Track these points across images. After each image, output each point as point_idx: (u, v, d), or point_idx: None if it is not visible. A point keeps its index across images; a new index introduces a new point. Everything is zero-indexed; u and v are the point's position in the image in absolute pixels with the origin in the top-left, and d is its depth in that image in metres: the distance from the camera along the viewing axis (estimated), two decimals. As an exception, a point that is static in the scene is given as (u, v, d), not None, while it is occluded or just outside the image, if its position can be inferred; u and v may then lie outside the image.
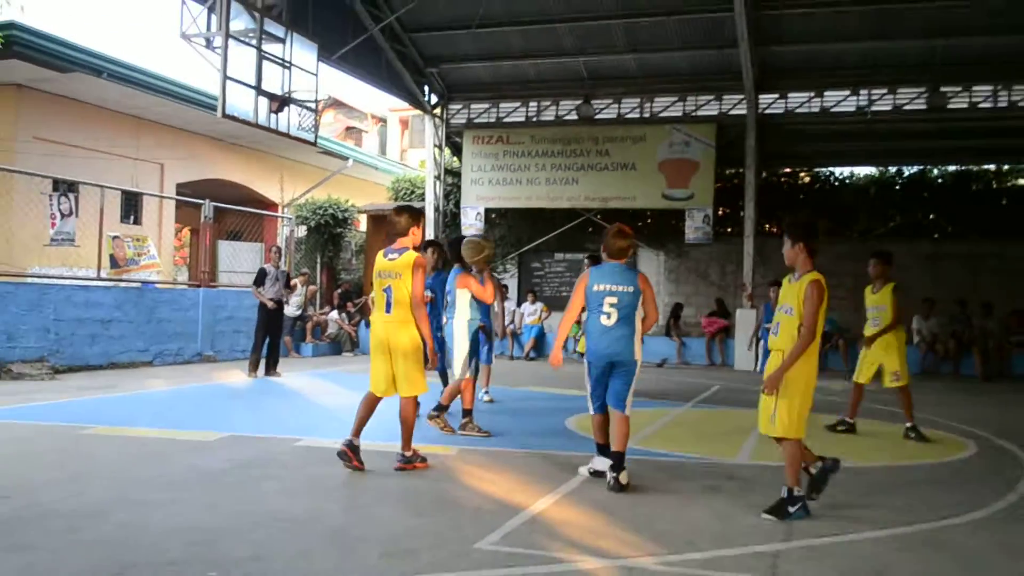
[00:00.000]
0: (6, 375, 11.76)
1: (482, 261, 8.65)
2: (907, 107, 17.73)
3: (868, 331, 9.32)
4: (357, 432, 6.48)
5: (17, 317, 12.33)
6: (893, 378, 9.01)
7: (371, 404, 6.60)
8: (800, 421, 5.49)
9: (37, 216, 14.16)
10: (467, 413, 8.45)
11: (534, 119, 20.46)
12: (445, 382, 9.24)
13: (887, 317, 9.11)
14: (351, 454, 6.36)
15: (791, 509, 5.36)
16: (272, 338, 13.44)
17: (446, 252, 9.63)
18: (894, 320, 9.09)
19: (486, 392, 10.86)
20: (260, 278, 13.44)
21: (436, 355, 6.83)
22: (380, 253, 6.63)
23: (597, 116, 19.64)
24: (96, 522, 4.84)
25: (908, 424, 8.94)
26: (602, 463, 6.34)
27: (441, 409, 8.53)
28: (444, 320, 8.71)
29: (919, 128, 18.52)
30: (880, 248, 10.34)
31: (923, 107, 17.36)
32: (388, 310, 6.43)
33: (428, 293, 9.00)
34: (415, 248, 6.59)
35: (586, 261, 11.00)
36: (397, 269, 6.39)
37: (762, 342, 11.14)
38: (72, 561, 4.18)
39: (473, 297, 8.41)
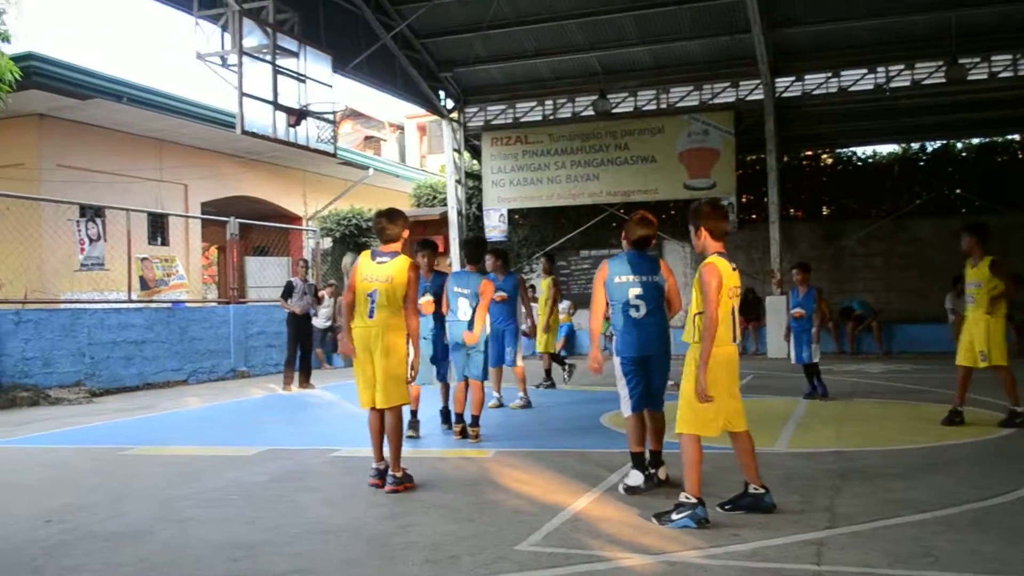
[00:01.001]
0: (44, 400, 11.90)
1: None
2: (926, 82, 17.52)
3: (968, 311, 8.71)
4: (379, 456, 6.25)
5: (52, 343, 12.49)
6: (980, 358, 8.37)
7: (377, 424, 6.22)
8: (697, 418, 5.13)
9: (66, 242, 14.33)
10: (460, 419, 8.37)
11: (551, 117, 20.43)
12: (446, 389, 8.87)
13: (982, 295, 8.37)
14: (380, 483, 6.12)
15: (675, 517, 4.97)
16: (304, 350, 13.51)
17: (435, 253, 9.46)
18: (999, 295, 8.27)
19: (497, 397, 10.76)
20: (288, 291, 13.53)
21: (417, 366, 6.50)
22: (366, 256, 6.31)
23: (614, 110, 19.57)
24: (139, 542, 4.88)
25: (1016, 407, 8.24)
26: (637, 478, 5.84)
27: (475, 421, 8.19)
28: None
29: (939, 102, 18.30)
30: (977, 221, 9.63)
31: (942, 80, 17.13)
32: (371, 315, 6.10)
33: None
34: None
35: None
36: (388, 273, 6.11)
37: (792, 330, 10.89)
38: (118, 583, 4.21)
39: (492, 301, 8.60)
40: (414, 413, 8.26)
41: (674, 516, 4.95)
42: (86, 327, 12.96)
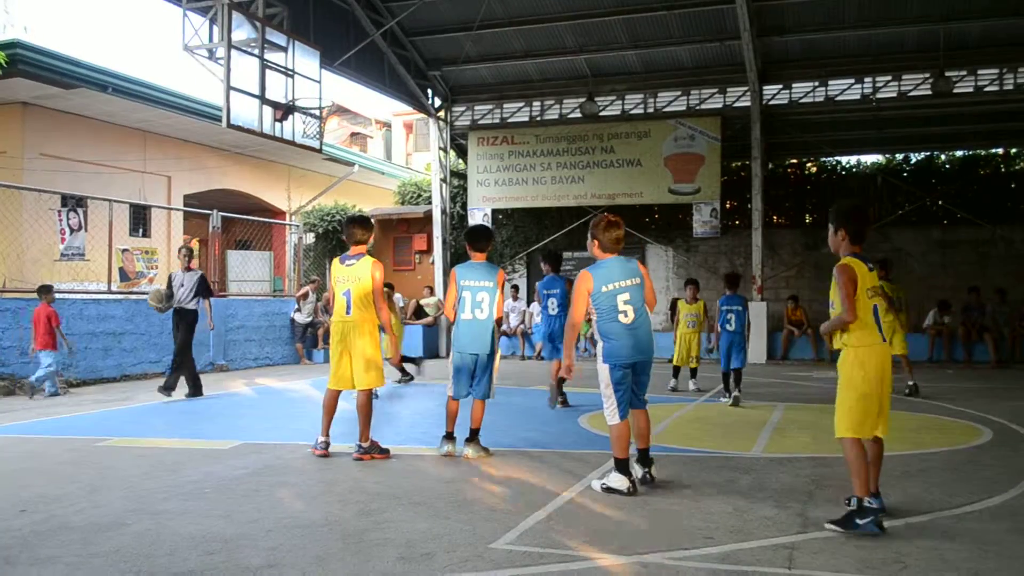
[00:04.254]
0: (20, 390, 11.82)
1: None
2: (912, 93, 17.67)
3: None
4: (327, 431, 7.24)
5: (30, 332, 12.38)
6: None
7: (332, 404, 7.31)
8: (855, 421, 5.23)
9: (47, 232, 14.23)
10: (451, 437, 7.35)
11: (538, 118, 20.46)
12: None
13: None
14: (325, 453, 7.13)
15: (859, 521, 4.88)
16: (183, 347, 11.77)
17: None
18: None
19: None
20: (169, 286, 11.95)
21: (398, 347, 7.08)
22: (336, 260, 7.30)
23: (601, 113, 19.62)
24: (113, 533, 4.86)
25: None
26: (621, 482, 5.79)
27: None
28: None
29: (925, 114, 18.47)
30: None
31: (928, 92, 17.28)
32: (348, 311, 7.05)
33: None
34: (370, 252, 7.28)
35: (544, 266, 11.41)
36: (356, 274, 7.05)
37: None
38: (91, 573, 4.19)
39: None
40: (450, 433, 7.34)
41: (859, 521, 4.85)
42: (65, 317, 12.84)
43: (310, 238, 21.94)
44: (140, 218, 18.72)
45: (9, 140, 16.32)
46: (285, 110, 14.05)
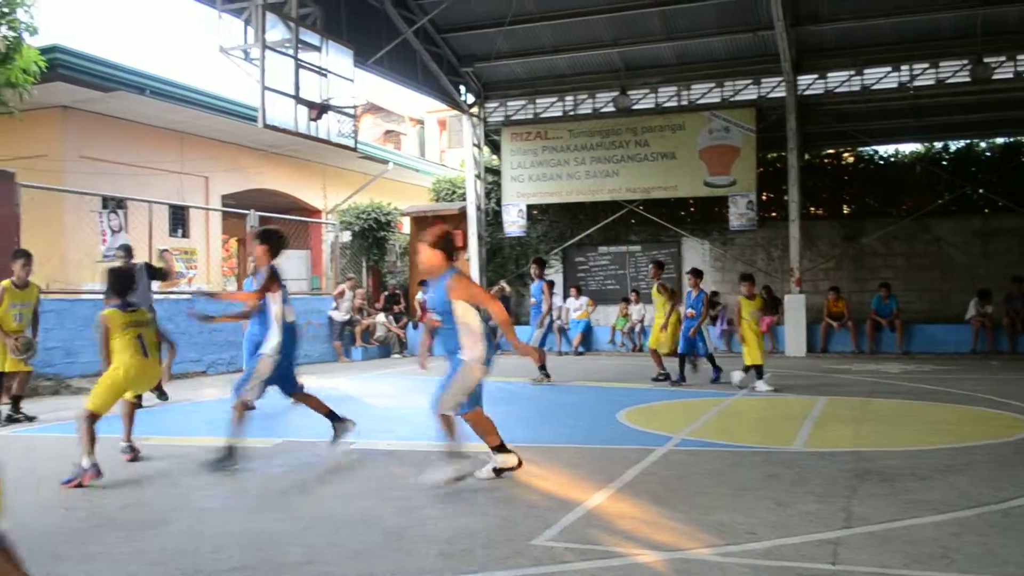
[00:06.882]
0: (66, 390, 12.01)
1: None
2: (950, 80, 17.38)
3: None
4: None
5: (74, 333, 12.59)
6: None
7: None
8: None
9: (88, 233, 14.43)
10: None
11: (571, 113, 20.40)
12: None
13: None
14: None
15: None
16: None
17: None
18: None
19: None
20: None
21: None
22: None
23: (634, 107, 19.54)
24: (157, 531, 4.92)
25: None
26: (512, 460, 6.20)
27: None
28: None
29: (964, 101, 18.15)
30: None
31: (967, 79, 17.01)
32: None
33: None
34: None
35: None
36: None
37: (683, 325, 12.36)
38: (135, 570, 4.25)
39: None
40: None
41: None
42: (107, 318, 13.03)
43: (346, 236, 22.05)
44: (179, 219, 18.91)
45: (50, 143, 16.54)
46: (320, 109, 14.12)
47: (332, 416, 7.06)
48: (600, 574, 4.11)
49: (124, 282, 6.99)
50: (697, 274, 12.65)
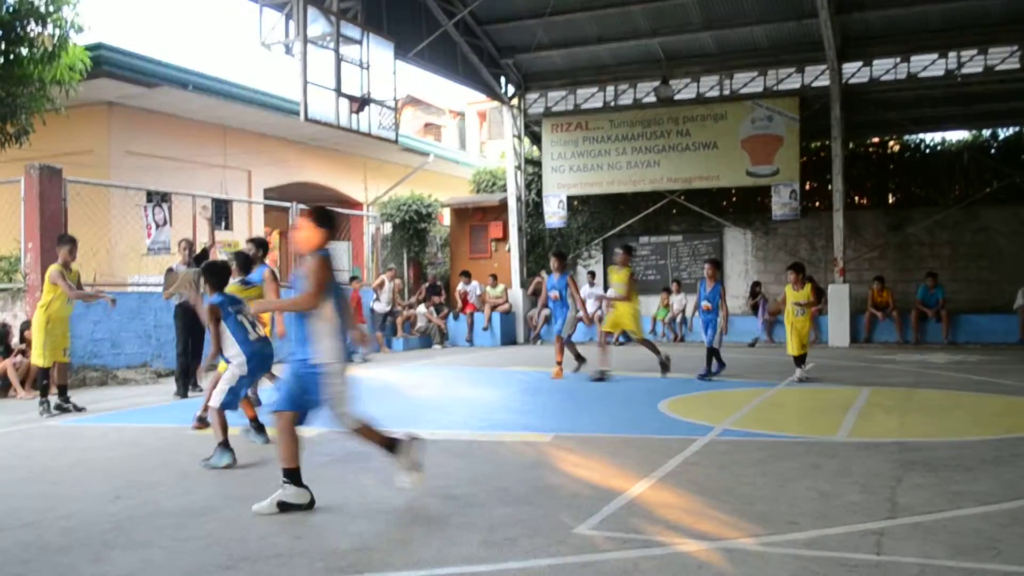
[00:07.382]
0: (112, 380, 12.24)
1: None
2: (999, 67, 17.04)
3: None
4: None
5: (120, 325, 12.82)
6: None
7: None
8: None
9: (134, 227, 14.66)
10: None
11: (612, 104, 20.30)
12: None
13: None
14: None
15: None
16: (194, 348, 10.59)
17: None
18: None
19: None
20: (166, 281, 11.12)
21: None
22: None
23: (676, 97, 19.41)
24: (205, 518, 5.00)
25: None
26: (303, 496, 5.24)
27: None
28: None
29: (1013, 88, 17.76)
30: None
31: (1016, 66, 16.69)
32: None
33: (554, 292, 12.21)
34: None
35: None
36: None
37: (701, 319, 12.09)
38: (185, 557, 4.33)
39: None
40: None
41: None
42: (152, 310, 13.26)
43: (387, 228, 22.17)
44: (222, 212, 19.10)
45: (96, 139, 16.80)
46: (361, 102, 14.20)
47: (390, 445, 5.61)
48: (642, 563, 4.11)
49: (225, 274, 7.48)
50: (716, 264, 12.36)
